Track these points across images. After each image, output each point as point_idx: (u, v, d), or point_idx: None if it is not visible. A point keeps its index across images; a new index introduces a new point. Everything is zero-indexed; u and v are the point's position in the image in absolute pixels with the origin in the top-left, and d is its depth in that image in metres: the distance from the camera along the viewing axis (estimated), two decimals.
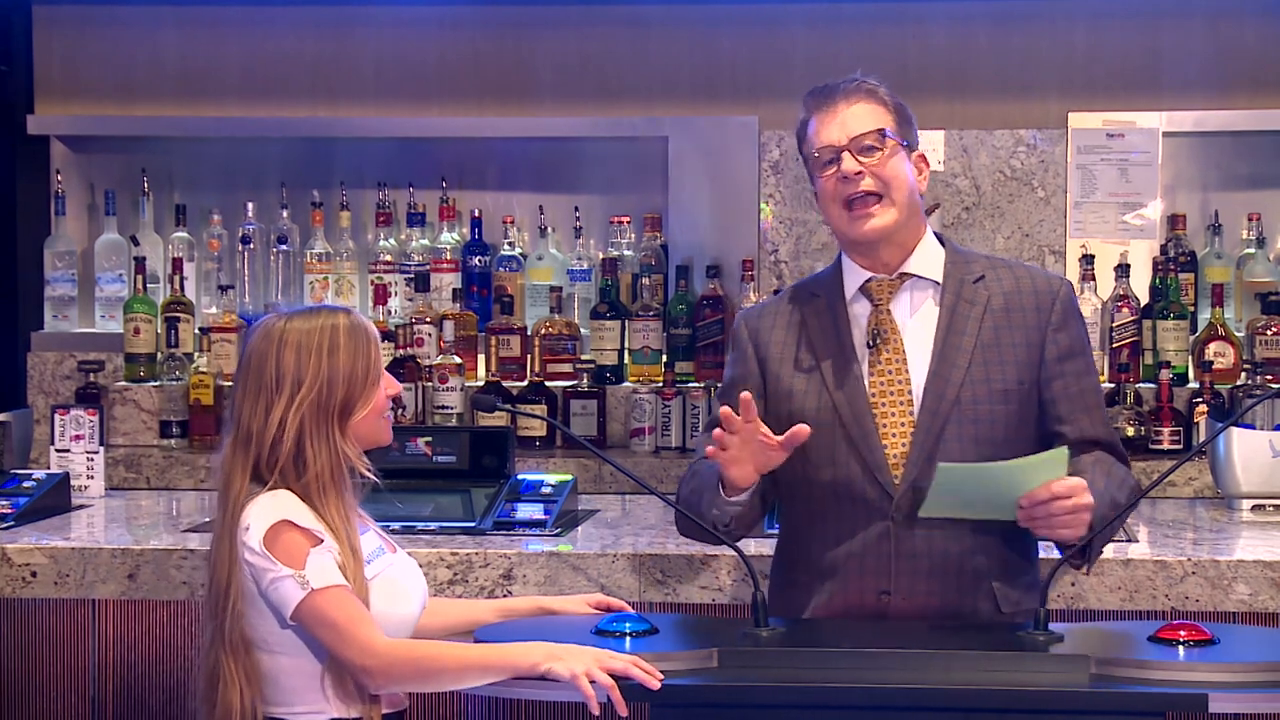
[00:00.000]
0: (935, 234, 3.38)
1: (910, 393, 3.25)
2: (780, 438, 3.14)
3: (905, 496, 3.21)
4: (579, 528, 4.18)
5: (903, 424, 3.25)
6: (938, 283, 3.31)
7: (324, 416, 3.04)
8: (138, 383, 5.50)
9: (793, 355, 3.33)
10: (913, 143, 3.33)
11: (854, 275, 3.34)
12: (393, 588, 3.10)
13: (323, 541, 2.98)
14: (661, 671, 2.89)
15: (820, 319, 3.34)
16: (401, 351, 5.30)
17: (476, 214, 5.59)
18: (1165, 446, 5.04)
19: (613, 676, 2.86)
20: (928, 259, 3.32)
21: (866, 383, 3.27)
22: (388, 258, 5.57)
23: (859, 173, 3.24)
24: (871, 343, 3.29)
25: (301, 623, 2.96)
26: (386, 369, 3.17)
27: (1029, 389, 3.26)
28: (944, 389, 3.24)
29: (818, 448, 3.25)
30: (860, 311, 3.32)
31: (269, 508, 2.99)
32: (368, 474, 3.10)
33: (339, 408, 3.04)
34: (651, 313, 5.40)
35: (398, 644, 2.99)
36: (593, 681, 2.85)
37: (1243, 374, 5.16)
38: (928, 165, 3.37)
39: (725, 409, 3.14)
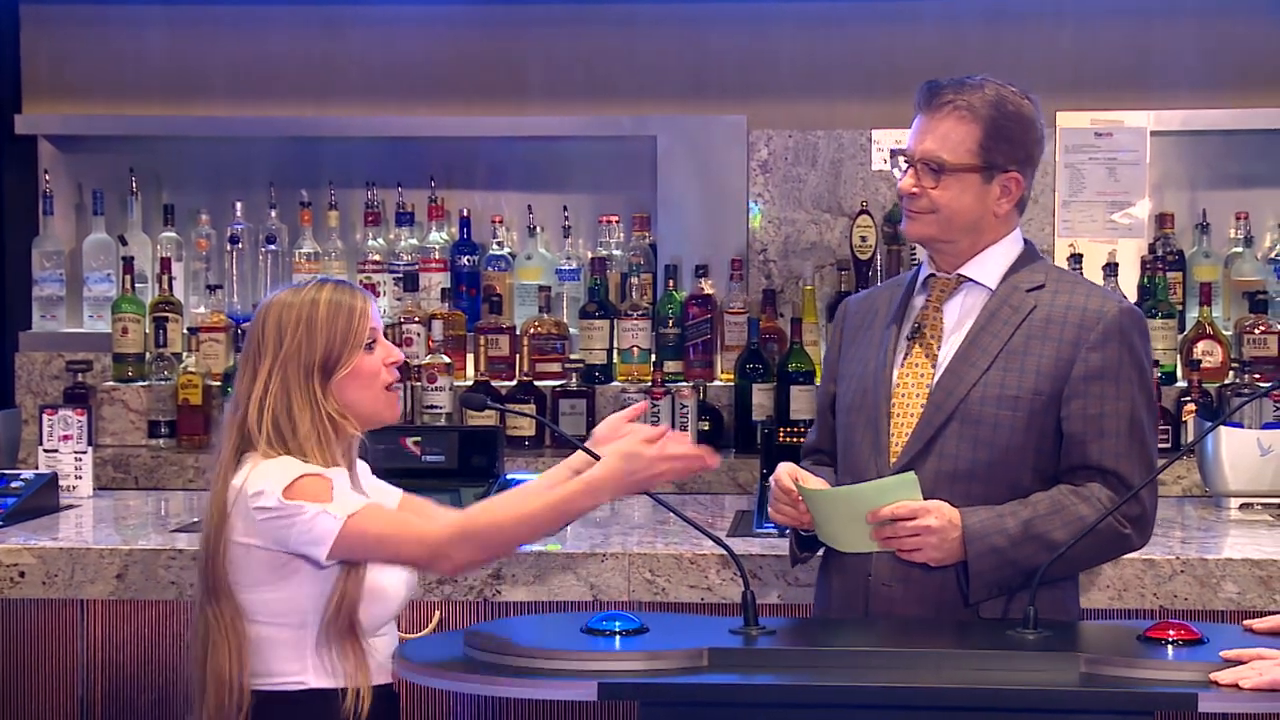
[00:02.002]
0: (1025, 241, 3.39)
1: (929, 386, 3.29)
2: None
3: None
4: (568, 527, 4.18)
5: (912, 415, 3.29)
6: (992, 289, 3.33)
7: (305, 375, 3.10)
8: (126, 383, 5.49)
9: (863, 340, 3.43)
10: (1000, 165, 3.29)
11: (925, 269, 3.41)
12: (380, 578, 3.11)
13: (335, 486, 3.03)
14: (652, 670, 2.90)
15: (890, 307, 3.42)
16: None
17: (465, 213, 5.58)
18: None
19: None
20: (990, 265, 3.34)
21: (895, 372, 3.32)
22: (376, 257, 5.56)
23: (914, 192, 3.29)
24: (911, 335, 3.34)
25: (347, 551, 3.00)
26: None
27: (1046, 401, 3.24)
28: (955, 387, 3.26)
29: (844, 428, 3.38)
30: (919, 304, 3.38)
31: (278, 470, 3.04)
32: (355, 433, 3.14)
33: (319, 367, 3.10)
34: (640, 312, 5.40)
35: (452, 525, 3.05)
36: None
37: (1231, 373, 5.17)
38: (1020, 186, 3.33)
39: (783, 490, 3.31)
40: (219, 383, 5.32)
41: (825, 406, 3.50)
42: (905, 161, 3.32)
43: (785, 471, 3.29)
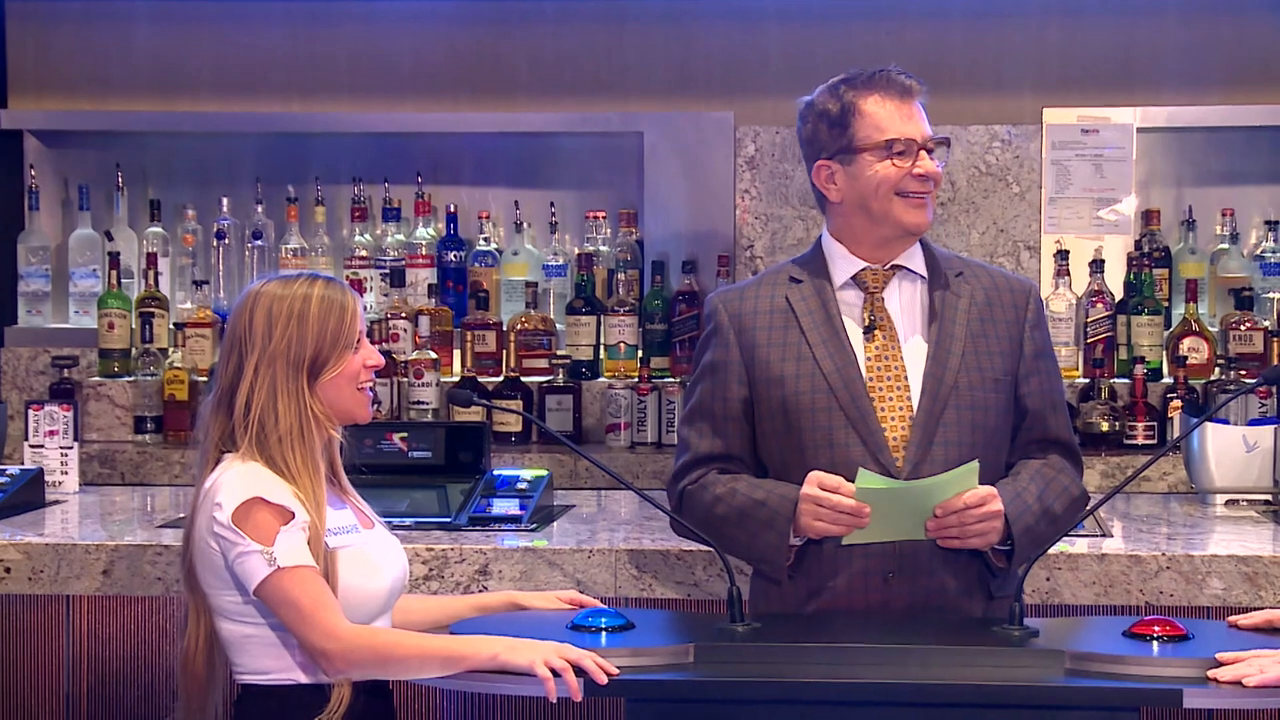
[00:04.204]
0: None
1: (905, 377, 3.30)
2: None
3: (909, 478, 3.24)
4: (555, 523, 4.18)
5: (900, 407, 3.29)
6: (924, 276, 3.37)
7: (294, 373, 3.07)
8: (112, 378, 5.49)
9: (781, 340, 3.36)
10: None
11: (844, 264, 3.38)
12: (361, 561, 3.10)
13: (293, 517, 3.00)
14: (638, 667, 2.90)
15: (808, 304, 3.37)
16: (377, 347, 5.29)
17: (452, 209, 5.58)
18: (1140, 441, 5.06)
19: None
20: (914, 254, 3.39)
21: (863, 366, 3.31)
22: (363, 253, 5.56)
23: (938, 174, 3.32)
24: (869, 327, 3.33)
25: (264, 600, 2.99)
26: None
27: (1011, 381, 3.34)
28: (943, 374, 3.29)
29: (814, 430, 3.30)
30: (852, 299, 3.37)
31: (241, 483, 3.02)
32: (335, 434, 3.13)
33: (308, 365, 3.08)
34: (627, 308, 5.40)
35: (360, 630, 3.00)
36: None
37: (1216, 369, 5.18)
38: None
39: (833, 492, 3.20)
40: (205, 378, 5.31)
41: (737, 412, 3.37)
42: (910, 147, 3.29)
43: (835, 481, 3.20)
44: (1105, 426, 5.05)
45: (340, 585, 3.03)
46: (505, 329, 5.44)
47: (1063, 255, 5.27)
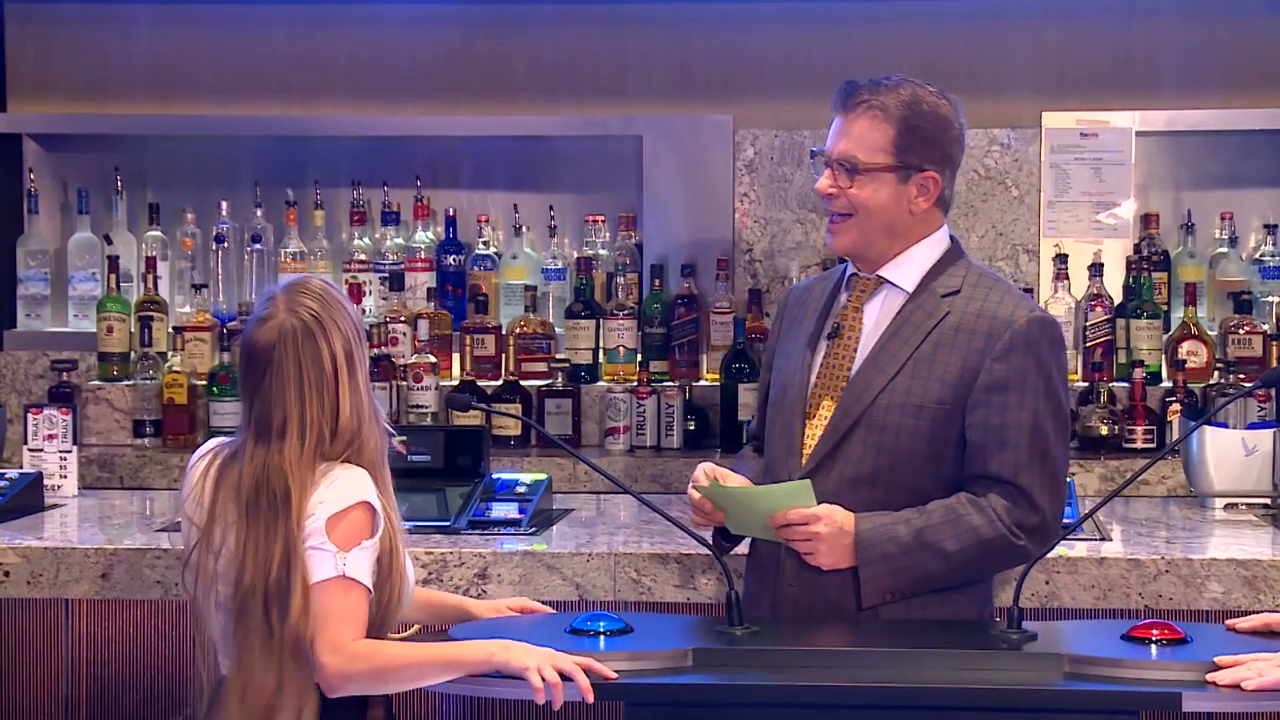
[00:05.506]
0: (952, 239, 3.39)
1: (843, 388, 3.30)
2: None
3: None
4: (554, 527, 4.18)
5: (826, 417, 3.31)
6: (909, 292, 3.33)
7: (365, 376, 3.10)
8: (111, 382, 5.48)
9: (794, 335, 3.43)
10: (916, 165, 3.29)
11: (850, 268, 3.42)
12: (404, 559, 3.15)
13: (377, 533, 3.00)
14: (637, 670, 2.90)
15: (819, 303, 3.43)
16: (376, 350, 5.29)
17: (451, 213, 5.58)
18: (1138, 445, 5.05)
19: (561, 675, 2.89)
20: (909, 267, 3.34)
21: (814, 371, 3.34)
22: (362, 257, 5.56)
23: (831, 192, 3.29)
24: (830, 334, 3.36)
25: (313, 600, 2.95)
26: None
27: (950, 410, 3.25)
28: (863, 392, 3.28)
29: (769, 426, 3.43)
30: (843, 302, 3.40)
31: (347, 488, 3.02)
32: (395, 442, 3.23)
33: (368, 361, 3.13)
34: (626, 312, 5.40)
35: (362, 645, 2.99)
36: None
37: (1215, 373, 5.17)
38: (938, 185, 3.32)
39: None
40: (204, 382, 5.31)
41: (763, 398, 3.53)
42: (823, 163, 3.33)
43: (702, 471, 3.33)
44: (1104, 430, 5.05)
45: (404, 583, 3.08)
46: (504, 332, 5.43)
47: (1062, 259, 5.27)
